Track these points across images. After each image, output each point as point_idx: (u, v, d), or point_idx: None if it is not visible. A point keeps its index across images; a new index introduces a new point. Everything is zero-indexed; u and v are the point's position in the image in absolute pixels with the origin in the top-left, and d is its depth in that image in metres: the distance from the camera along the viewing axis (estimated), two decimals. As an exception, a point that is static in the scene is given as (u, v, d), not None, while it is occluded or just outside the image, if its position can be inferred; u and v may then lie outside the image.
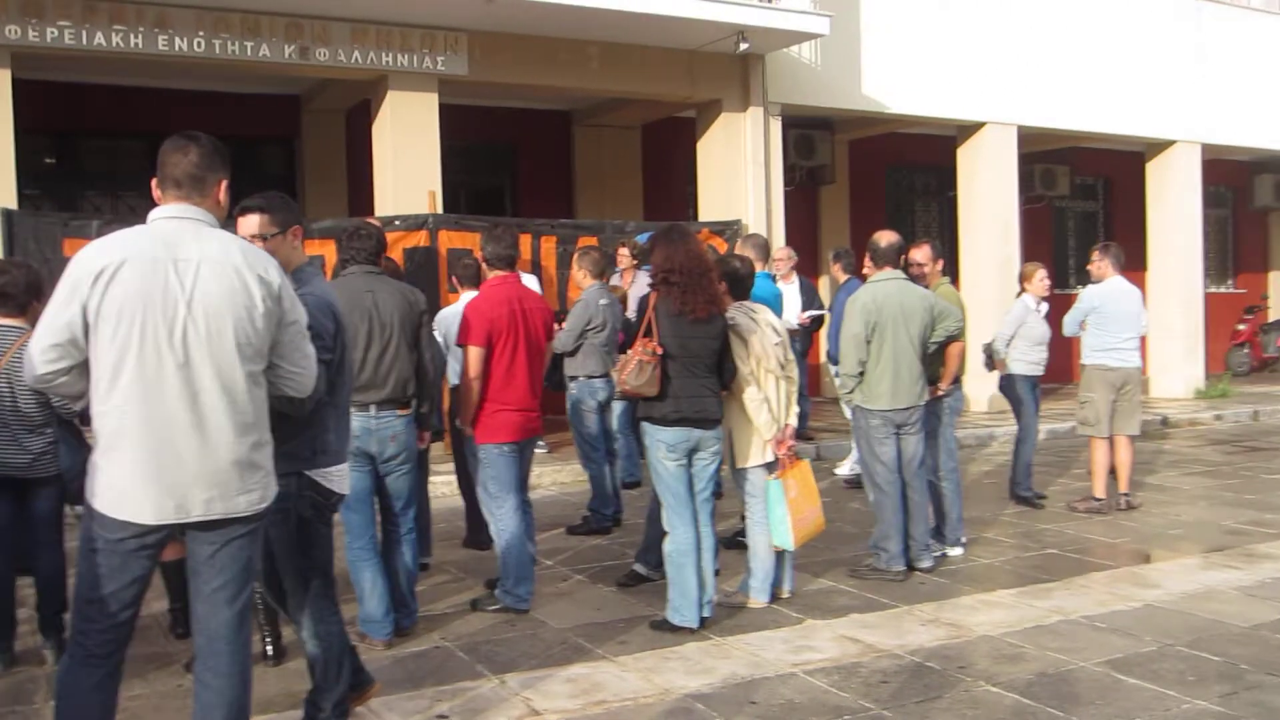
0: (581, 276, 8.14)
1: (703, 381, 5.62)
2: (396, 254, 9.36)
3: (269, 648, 5.22)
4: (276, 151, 13.50)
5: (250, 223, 4.16)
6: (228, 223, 3.78)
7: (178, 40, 9.86)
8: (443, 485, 8.49)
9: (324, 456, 4.10)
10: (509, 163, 14.90)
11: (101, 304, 3.20)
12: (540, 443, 8.03)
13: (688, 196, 14.64)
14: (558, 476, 9.81)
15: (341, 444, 4.24)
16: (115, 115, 12.51)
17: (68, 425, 5.47)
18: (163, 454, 3.25)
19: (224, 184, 3.50)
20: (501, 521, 5.90)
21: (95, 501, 3.31)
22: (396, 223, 9.96)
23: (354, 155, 13.03)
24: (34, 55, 9.63)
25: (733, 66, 12.47)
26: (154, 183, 3.44)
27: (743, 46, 11.68)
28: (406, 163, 10.81)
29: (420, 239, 10.06)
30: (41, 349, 3.24)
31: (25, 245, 8.93)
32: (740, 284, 6.09)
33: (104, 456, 3.29)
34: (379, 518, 5.64)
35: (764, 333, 5.92)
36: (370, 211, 10.81)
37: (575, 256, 8.36)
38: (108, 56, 9.86)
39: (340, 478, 4.22)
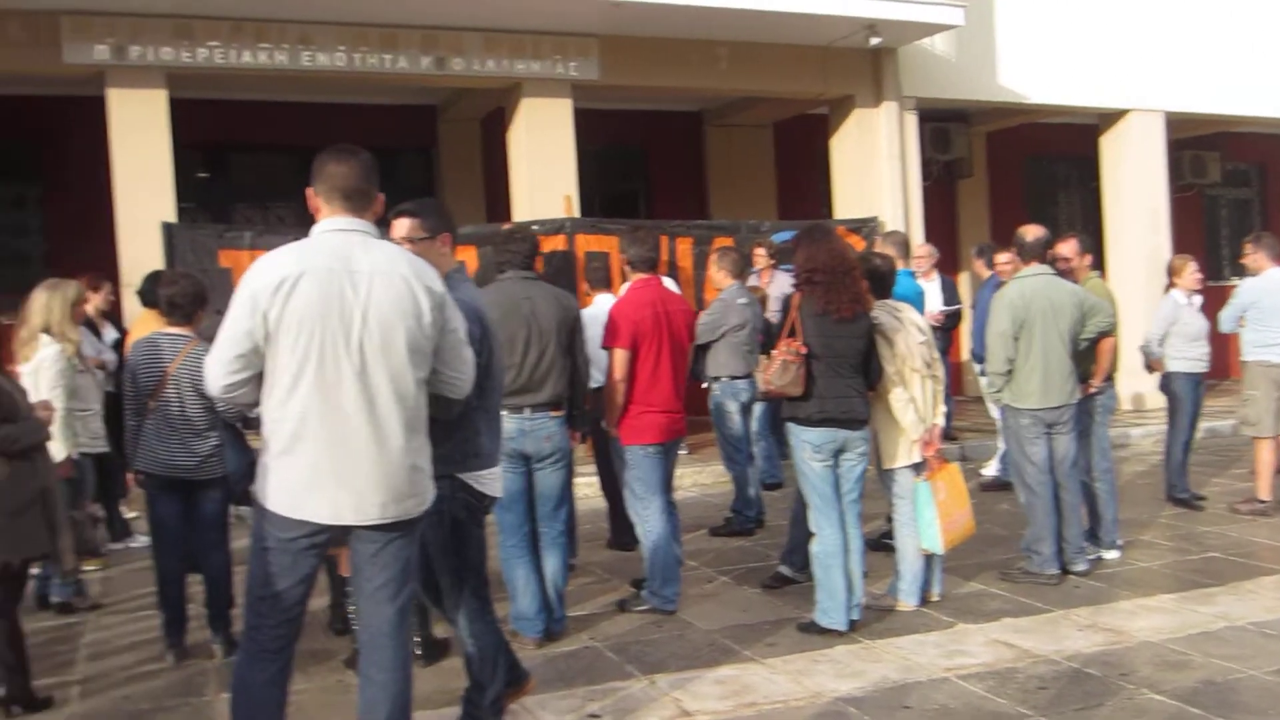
0: (721, 277, 8.11)
1: (848, 381, 5.56)
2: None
3: (418, 648, 5.32)
4: (415, 161, 13.79)
5: (402, 226, 4.27)
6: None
7: (319, 56, 10.17)
8: (585, 487, 8.56)
9: (475, 460, 4.17)
10: (641, 165, 14.96)
11: (282, 314, 3.30)
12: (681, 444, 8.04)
13: (821, 194, 14.49)
14: (698, 478, 9.81)
15: (493, 447, 4.30)
16: (262, 129, 12.93)
17: (232, 429, 5.68)
18: (341, 457, 3.36)
19: (381, 198, 3.59)
20: (648, 523, 5.92)
21: (269, 502, 3.42)
22: (534, 227, 10.02)
23: (490, 162, 13.25)
24: (187, 75, 10.03)
25: (865, 61, 12.31)
26: (311, 193, 3.54)
27: (874, 41, 11.52)
28: (542, 168, 10.95)
29: (558, 243, 10.16)
30: (225, 360, 3.36)
31: (184, 256, 9.30)
32: (882, 282, 6.01)
33: (280, 459, 3.40)
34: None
35: (908, 331, 5.83)
36: (507, 217, 10.96)
37: (714, 256, 8.34)
38: (254, 73, 10.22)
39: (491, 481, 4.28)
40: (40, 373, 6.11)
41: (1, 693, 4.89)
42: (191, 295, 5.64)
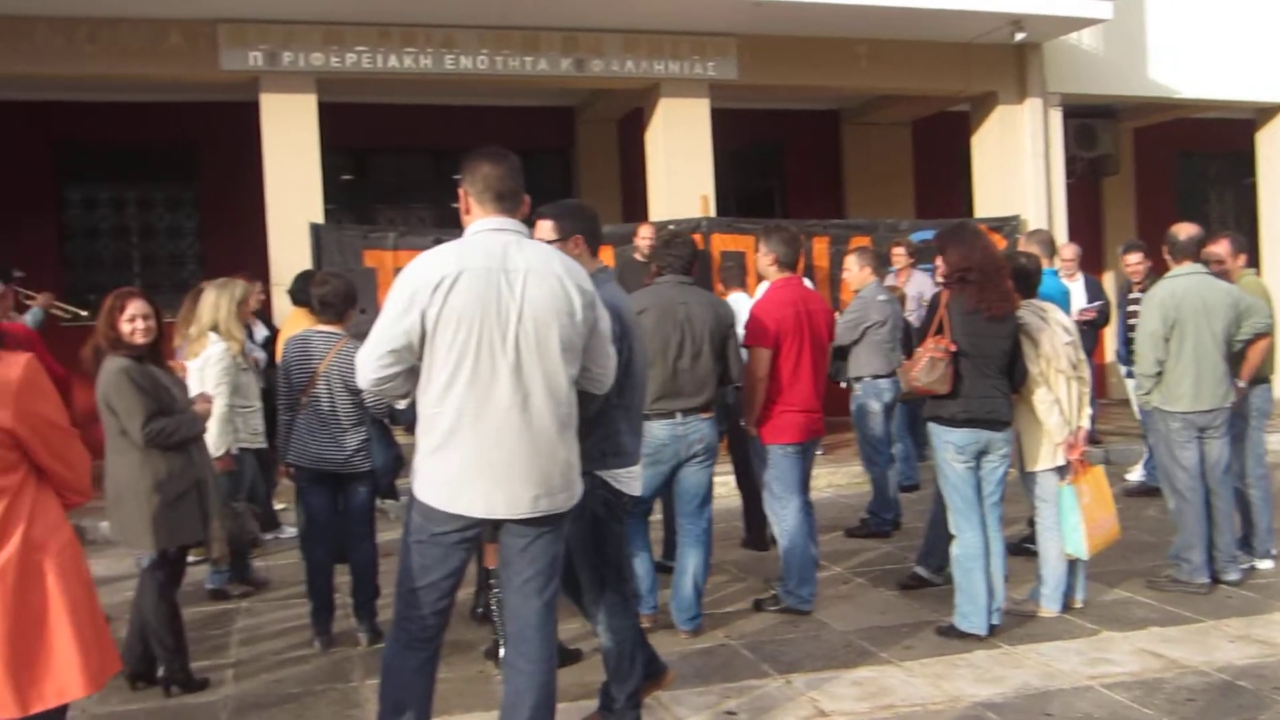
0: (864, 274, 8.02)
1: (993, 382, 5.47)
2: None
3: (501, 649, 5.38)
4: (553, 162, 13.99)
5: (541, 228, 4.36)
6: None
7: (463, 59, 10.41)
8: (719, 485, 8.55)
9: (614, 458, 4.22)
10: (777, 164, 14.92)
11: (441, 312, 3.40)
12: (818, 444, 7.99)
13: (961, 193, 14.25)
14: (833, 479, 9.74)
15: (633, 446, 4.34)
16: (403, 132, 13.28)
17: (379, 425, 5.84)
18: (495, 452, 3.44)
19: (528, 199, 3.68)
20: (785, 522, 5.91)
21: (423, 495, 3.53)
22: (670, 227, 10.12)
23: (627, 163, 13.38)
24: (335, 79, 10.36)
25: (1008, 57, 12.07)
26: (463, 193, 3.64)
27: (1019, 36, 11.30)
28: (679, 168, 11.01)
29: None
30: (378, 355, 3.47)
31: (330, 256, 9.60)
32: (1028, 281, 5.89)
33: (435, 454, 3.50)
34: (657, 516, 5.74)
35: (1054, 332, 5.71)
36: (644, 217, 11.05)
37: (852, 255, 8.25)
38: (399, 77, 10.50)
39: (630, 479, 4.32)
40: (206, 369, 6.40)
41: (161, 673, 5.13)
42: (343, 294, 5.82)
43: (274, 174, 10.15)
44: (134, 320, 4.95)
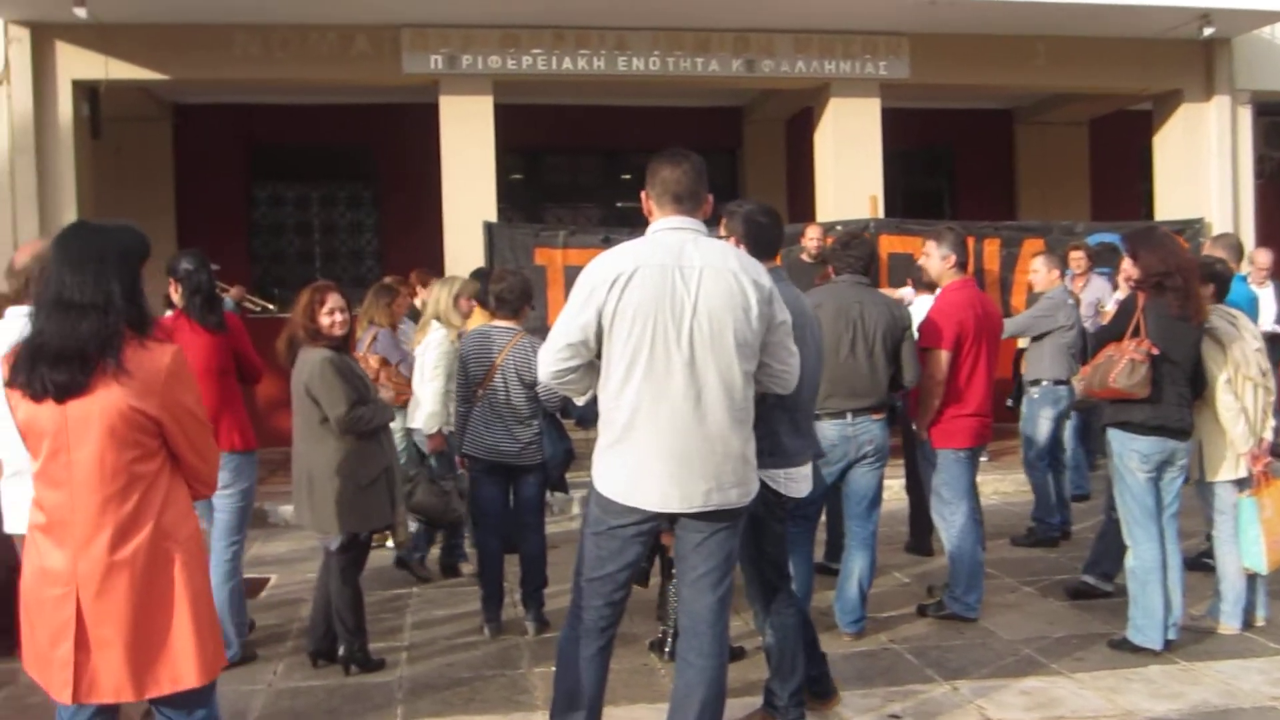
0: (1052, 278, 7.87)
1: (1181, 390, 5.32)
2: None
3: (668, 642, 5.43)
4: (720, 162, 14.05)
5: (721, 227, 4.45)
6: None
7: (635, 60, 10.57)
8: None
9: (771, 458, 4.21)
10: (947, 164, 14.69)
11: (617, 307, 3.51)
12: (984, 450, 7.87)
13: (1140, 194, 13.80)
14: (999, 485, 9.56)
15: (796, 446, 4.34)
16: (574, 133, 13.53)
17: (551, 418, 6.00)
18: (670, 447, 3.52)
19: (710, 199, 3.75)
20: (953, 528, 5.85)
21: (602, 488, 3.63)
22: (837, 227, 10.08)
23: (794, 163, 13.35)
24: (511, 81, 10.63)
25: (1194, 53, 11.63)
26: (644, 195, 3.74)
27: (1207, 31, 10.86)
28: (847, 168, 10.96)
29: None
30: (556, 349, 3.59)
31: (502, 253, 9.87)
32: (1222, 287, 5.72)
33: (613, 448, 3.60)
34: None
35: (1244, 339, 5.52)
36: (811, 218, 11.02)
37: (1043, 257, 8.07)
38: (572, 79, 10.72)
39: (789, 481, 4.33)
40: (426, 353, 6.77)
41: (341, 652, 5.36)
42: (519, 291, 6.00)
43: (451, 173, 10.48)
44: (333, 313, 5.21)
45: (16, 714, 4.95)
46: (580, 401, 3.86)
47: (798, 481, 4.38)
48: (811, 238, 9.71)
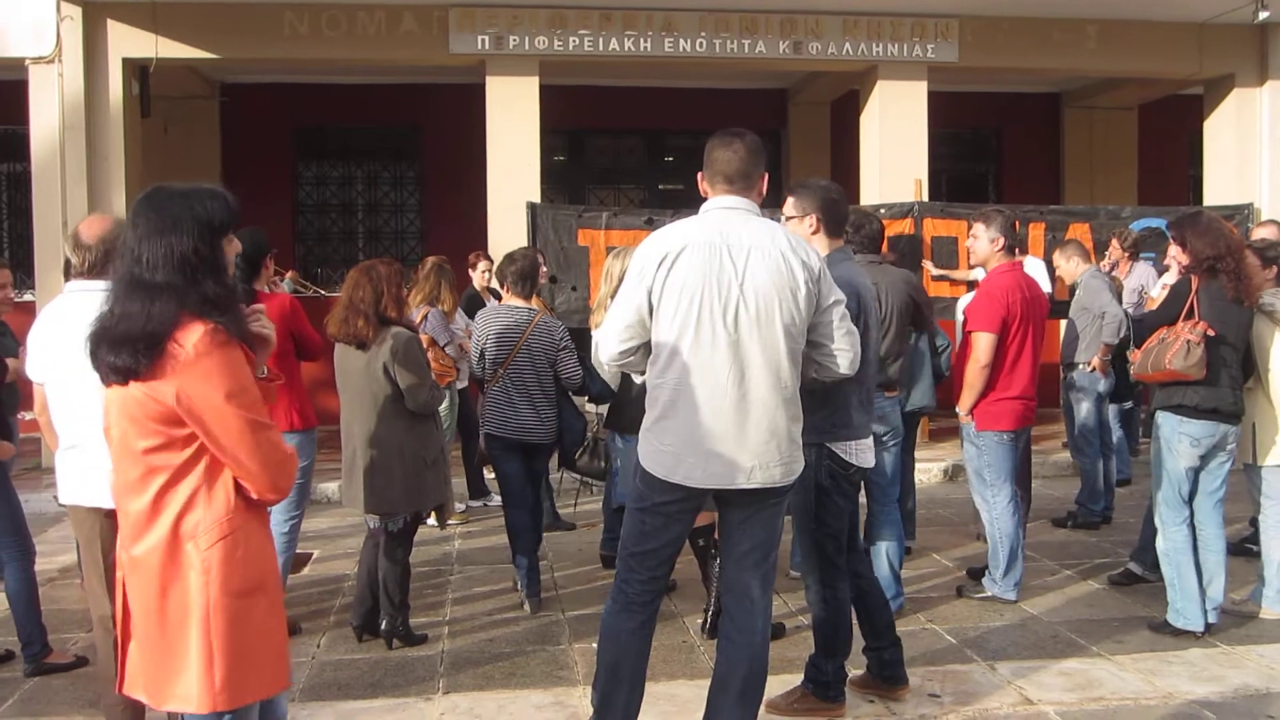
0: (1075, 267, 7.83)
1: (1232, 372, 5.30)
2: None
3: (708, 621, 5.48)
4: (764, 144, 13.96)
5: (787, 204, 4.49)
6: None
7: (682, 42, 10.55)
8: (922, 471, 8.51)
9: (844, 430, 4.25)
10: (993, 148, 14.58)
11: (665, 286, 3.53)
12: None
13: (1189, 180, 13.64)
14: (1038, 469, 9.49)
15: (863, 419, 4.35)
16: (617, 114, 13.54)
17: (566, 397, 6.05)
18: (714, 424, 3.54)
19: (765, 177, 3.76)
20: (994, 510, 5.84)
21: (647, 464, 3.65)
22: (881, 211, 10.01)
23: (838, 145, 13.30)
24: (556, 62, 10.65)
25: (1248, 37, 11.45)
26: (700, 176, 3.76)
27: (1262, 15, 10.68)
28: (893, 151, 10.90)
29: (905, 227, 10.09)
30: (616, 331, 3.62)
31: (545, 234, 9.89)
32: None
33: (657, 424, 3.62)
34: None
35: (1300, 319, 5.47)
36: (854, 200, 10.96)
37: (1058, 252, 8.04)
38: (618, 60, 10.72)
39: (860, 451, 4.34)
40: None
41: (384, 627, 5.41)
42: (532, 272, 6.06)
43: (495, 154, 10.52)
44: (408, 295, 5.29)
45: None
46: (639, 380, 3.87)
47: (864, 451, 4.37)
48: None
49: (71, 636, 5.59)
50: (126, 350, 2.60)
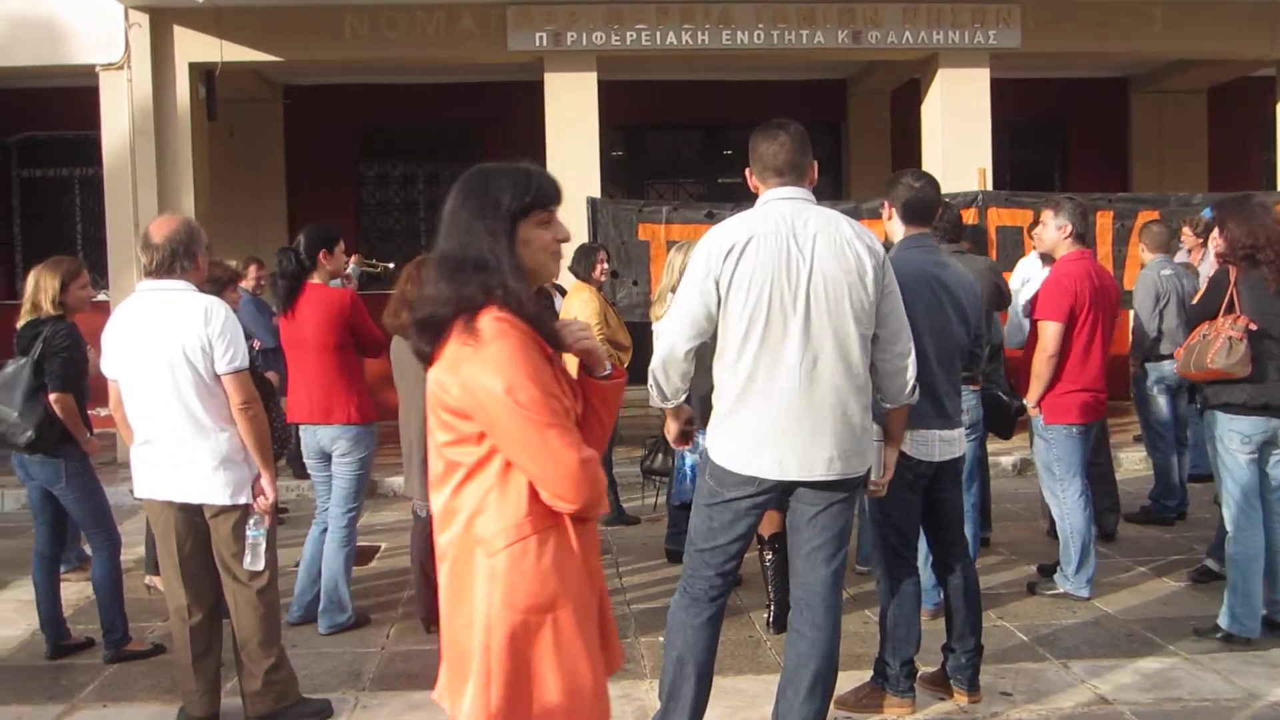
0: (1148, 254, 7.67)
1: (1279, 364, 5.10)
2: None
3: (771, 614, 5.45)
4: (823, 136, 13.92)
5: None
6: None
7: (739, 34, 10.50)
8: (995, 466, 8.35)
9: (910, 419, 4.10)
10: (1058, 135, 14.37)
11: (734, 276, 3.51)
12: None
13: (1262, 165, 13.32)
14: (1110, 463, 9.35)
15: (935, 410, 4.23)
16: (675, 108, 13.51)
17: None
18: (786, 415, 3.51)
19: (815, 165, 3.72)
20: (1065, 505, 5.74)
21: (718, 459, 3.63)
22: (944, 201, 9.92)
23: (898, 135, 13.17)
24: (614, 58, 10.64)
25: (1322, 16, 11.17)
26: (748, 172, 3.74)
27: (1338, -7, 10.43)
28: (955, 140, 10.77)
29: (969, 217, 9.93)
30: (684, 326, 3.58)
31: (605, 230, 9.89)
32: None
33: (729, 417, 3.60)
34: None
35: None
36: (917, 190, 10.83)
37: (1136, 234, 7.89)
38: (676, 54, 10.68)
39: (924, 444, 4.25)
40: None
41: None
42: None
43: (555, 150, 10.54)
44: None
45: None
46: (683, 385, 3.78)
47: (929, 445, 4.27)
48: None
49: (148, 625, 5.74)
50: (425, 333, 2.43)
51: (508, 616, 2.37)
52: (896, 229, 4.39)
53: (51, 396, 5.15)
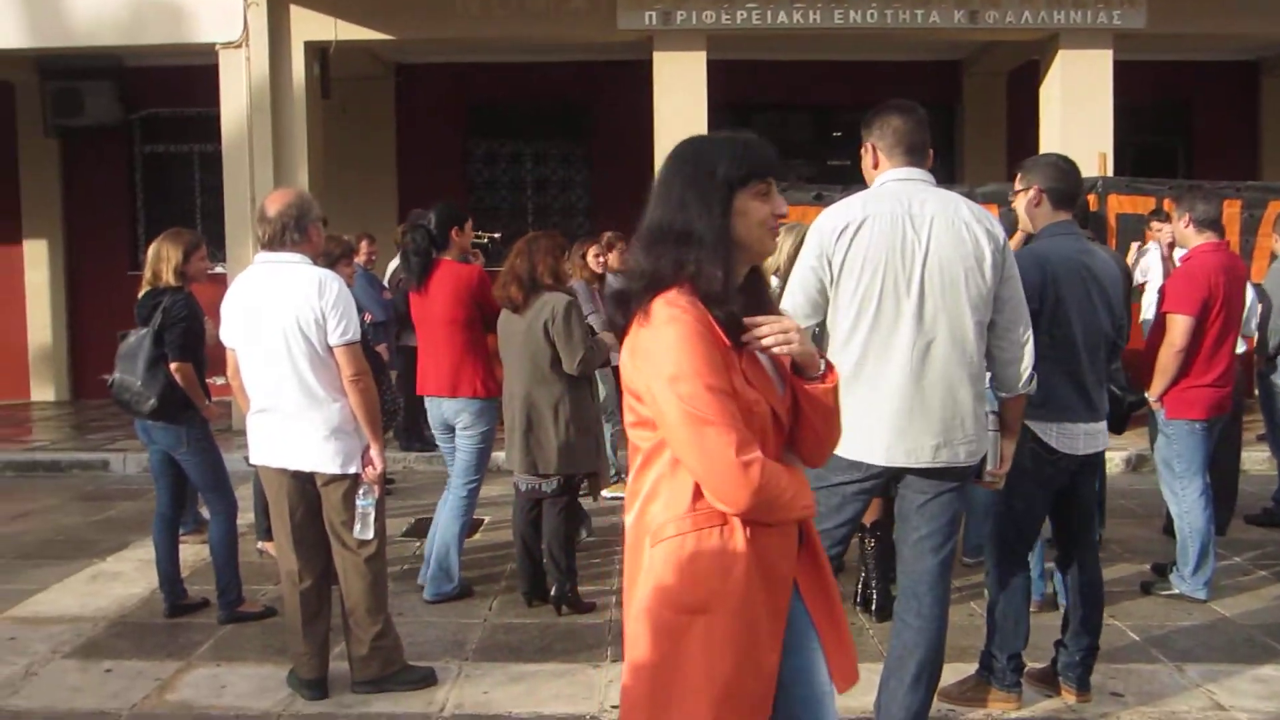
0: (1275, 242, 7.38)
1: None
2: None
3: (862, 598, 5.41)
4: (937, 118, 13.52)
5: (1017, 180, 4.29)
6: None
7: (852, 14, 10.35)
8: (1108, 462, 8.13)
9: (1043, 409, 4.01)
10: (1183, 120, 13.87)
11: (846, 257, 3.44)
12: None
13: (1402, 152, 12.75)
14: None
15: (1072, 400, 4.09)
16: (783, 89, 13.37)
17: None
18: (896, 399, 3.44)
19: (931, 150, 3.63)
20: (1185, 503, 5.54)
21: None
22: (1062, 186, 9.66)
23: (1014, 118, 12.88)
24: (723, 37, 10.56)
25: None
26: (870, 146, 3.62)
27: None
28: (1075, 124, 10.47)
29: (1088, 203, 9.68)
30: (798, 304, 3.52)
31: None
32: None
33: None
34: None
35: None
36: (1033, 176, 10.57)
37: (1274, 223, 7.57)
38: (787, 33, 10.56)
39: (1069, 437, 4.10)
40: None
41: (553, 593, 5.51)
42: None
43: (663, 130, 10.49)
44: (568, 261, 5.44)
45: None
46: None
47: (1070, 438, 4.12)
48: None
49: (260, 589, 5.91)
50: (619, 307, 2.34)
51: (656, 612, 2.28)
52: (1045, 214, 4.20)
53: (171, 365, 5.31)
